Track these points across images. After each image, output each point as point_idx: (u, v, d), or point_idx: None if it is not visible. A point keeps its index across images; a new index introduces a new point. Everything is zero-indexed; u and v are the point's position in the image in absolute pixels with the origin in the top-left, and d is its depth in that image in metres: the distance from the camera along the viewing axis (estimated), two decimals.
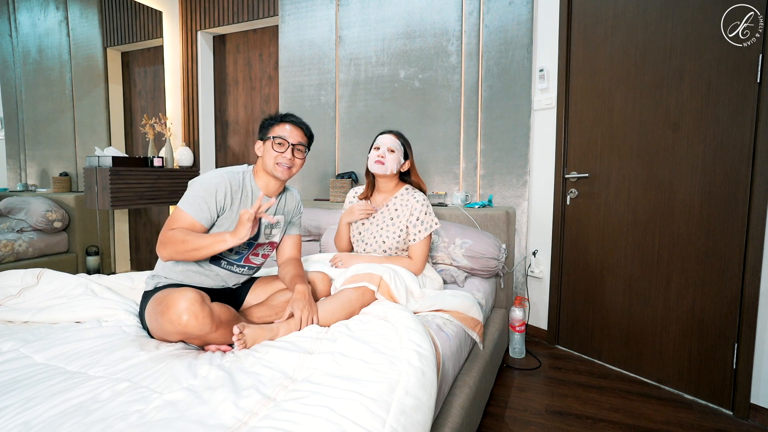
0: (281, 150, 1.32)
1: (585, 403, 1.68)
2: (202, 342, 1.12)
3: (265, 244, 1.42)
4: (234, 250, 1.33)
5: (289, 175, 1.35)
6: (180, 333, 1.07)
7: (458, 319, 1.40)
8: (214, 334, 1.09)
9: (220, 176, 1.27)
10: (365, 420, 0.76)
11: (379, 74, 2.67)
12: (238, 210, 1.29)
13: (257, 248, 1.39)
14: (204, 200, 1.22)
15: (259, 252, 1.41)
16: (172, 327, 1.05)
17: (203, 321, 1.05)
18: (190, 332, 1.06)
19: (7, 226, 2.77)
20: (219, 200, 1.24)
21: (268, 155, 1.33)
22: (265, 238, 1.40)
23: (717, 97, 1.61)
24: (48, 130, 3.23)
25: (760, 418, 1.55)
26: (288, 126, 1.36)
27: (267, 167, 1.33)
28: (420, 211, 1.63)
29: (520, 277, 2.37)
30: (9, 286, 1.48)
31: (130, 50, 3.45)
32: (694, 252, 1.70)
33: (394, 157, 1.62)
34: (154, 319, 1.12)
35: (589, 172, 2.06)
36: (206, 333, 1.07)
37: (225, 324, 1.11)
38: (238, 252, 1.35)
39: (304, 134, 1.39)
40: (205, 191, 1.23)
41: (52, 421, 0.75)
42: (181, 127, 3.54)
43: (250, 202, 1.32)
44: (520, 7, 2.26)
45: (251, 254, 1.38)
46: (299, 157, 1.37)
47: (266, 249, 1.43)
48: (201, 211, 1.22)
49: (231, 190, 1.27)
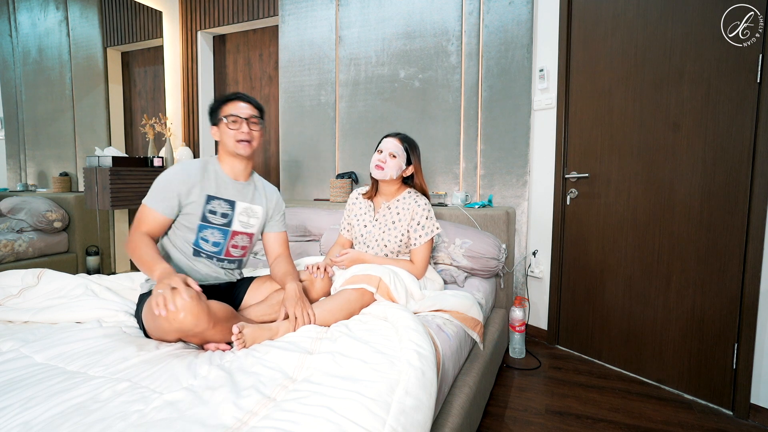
0: (236, 127, 1.35)
1: (585, 403, 1.68)
2: (201, 340, 1.11)
3: (242, 233, 1.42)
4: (211, 241, 1.36)
5: (251, 150, 1.38)
6: (177, 330, 1.06)
7: (458, 319, 1.40)
8: (212, 330, 1.08)
9: (177, 166, 1.34)
10: (365, 420, 0.76)
11: (379, 74, 2.67)
12: (201, 191, 1.33)
13: (234, 237, 1.40)
14: (163, 193, 1.29)
15: (238, 243, 1.42)
16: (168, 325, 1.04)
17: (200, 317, 1.04)
18: (187, 329, 1.05)
19: (7, 226, 2.77)
20: (176, 188, 1.29)
21: (226, 136, 1.36)
22: (241, 226, 1.41)
23: (717, 97, 1.61)
24: (48, 130, 3.23)
25: (760, 418, 1.55)
26: (237, 103, 1.38)
27: (228, 148, 1.37)
28: (421, 215, 1.63)
29: (520, 277, 2.37)
30: (9, 286, 1.48)
31: (130, 50, 3.44)
32: (694, 252, 1.70)
33: (394, 163, 1.61)
34: (151, 319, 1.12)
35: (589, 172, 2.06)
36: (203, 330, 1.06)
37: (223, 321, 1.11)
38: (216, 243, 1.37)
39: (254, 107, 1.40)
40: (163, 184, 1.30)
41: (51, 421, 0.75)
42: (181, 127, 3.54)
43: (214, 183, 1.36)
44: (520, 7, 2.26)
45: (230, 246, 1.40)
46: (255, 129, 1.39)
47: (244, 240, 1.44)
48: (160, 203, 1.28)
49: (189, 177, 1.32)
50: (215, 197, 1.35)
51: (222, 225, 1.37)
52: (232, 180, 1.40)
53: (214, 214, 1.35)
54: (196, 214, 1.32)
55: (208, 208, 1.34)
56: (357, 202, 1.79)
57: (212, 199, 1.35)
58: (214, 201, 1.35)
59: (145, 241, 1.23)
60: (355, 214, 1.77)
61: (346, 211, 1.82)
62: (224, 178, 1.39)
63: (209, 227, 1.35)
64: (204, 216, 1.33)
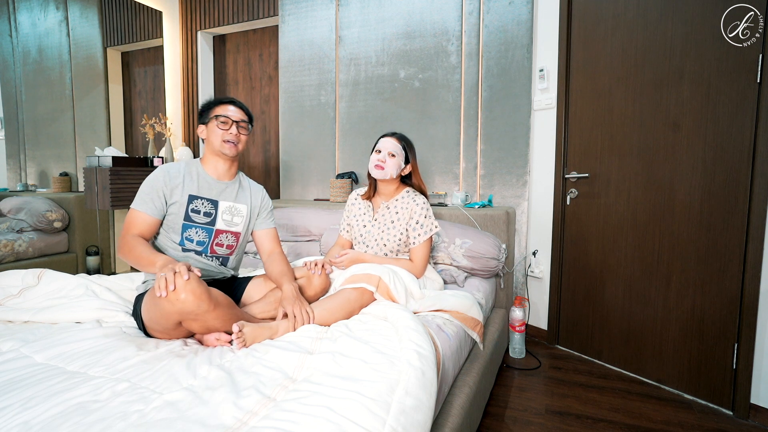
0: (225, 128, 1.39)
1: (585, 403, 1.68)
2: (202, 326, 1.11)
3: (227, 232, 1.44)
4: (195, 240, 1.38)
5: (236, 152, 1.42)
6: (179, 312, 1.06)
7: (458, 319, 1.40)
8: (213, 314, 1.09)
9: (158, 170, 1.37)
10: (365, 420, 0.76)
11: (379, 74, 2.67)
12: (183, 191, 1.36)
13: (218, 236, 1.42)
14: (149, 195, 1.33)
15: (223, 242, 1.43)
16: (171, 306, 1.04)
17: (201, 298, 1.05)
18: (189, 310, 1.05)
19: (7, 226, 2.77)
20: (159, 189, 1.33)
21: (213, 135, 1.39)
22: (225, 225, 1.43)
23: (717, 97, 1.61)
24: (48, 130, 3.23)
25: (760, 418, 1.55)
26: (228, 106, 1.42)
27: (214, 147, 1.40)
28: (420, 214, 1.63)
29: (520, 277, 2.36)
30: (9, 286, 1.48)
31: (130, 50, 3.44)
32: (694, 252, 1.70)
33: (394, 162, 1.62)
34: (152, 305, 1.12)
35: (589, 172, 2.06)
36: (204, 311, 1.07)
37: (223, 306, 1.12)
38: (201, 242, 1.39)
39: (244, 113, 1.45)
40: (147, 187, 1.34)
41: (51, 421, 0.75)
42: (181, 127, 3.54)
43: (196, 183, 1.39)
44: (520, 7, 2.26)
45: (214, 244, 1.42)
46: (243, 133, 1.43)
47: (230, 239, 1.45)
48: (147, 205, 1.32)
49: (170, 178, 1.35)
50: (197, 197, 1.39)
51: (205, 224, 1.39)
52: (215, 180, 1.43)
53: (197, 213, 1.38)
54: (179, 213, 1.36)
55: (191, 207, 1.37)
56: (356, 202, 1.79)
57: (194, 199, 1.38)
58: (196, 200, 1.38)
59: (139, 240, 1.26)
60: (355, 214, 1.78)
61: (345, 212, 1.82)
62: (207, 178, 1.42)
63: (193, 226, 1.37)
64: (187, 215, 1.37)
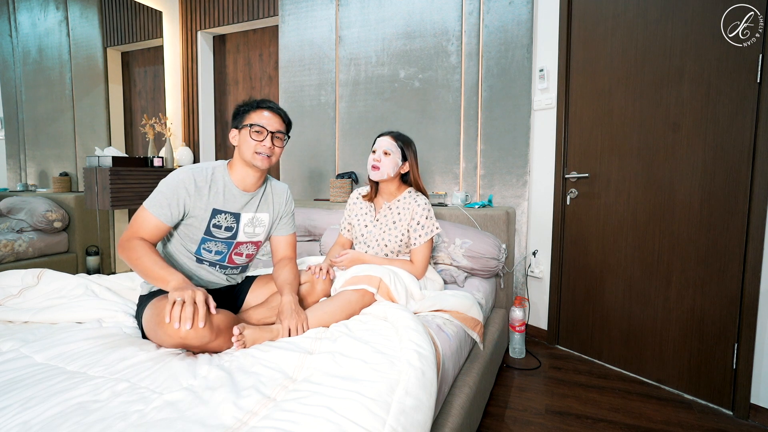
0: (260, 138, 1.26)
1: (585, 403, 1.68)
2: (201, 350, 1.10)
3: (247, 243, 1.36)
4: (214, 251, 1.31)
5: (268, 164, 1.29)
6: (178, 345, 1.05)
7: (458, 319, 1.40)
8: (214, 342, 1.07)
9: (185, 173, 1.23)
10: (365, 420, 0.76)
11: (379, 74, 2.67)
12: (208, 205, 1.25)
13: (238, 247, 1.35)
14: (167, 199, 1.20)
15: (242, 252, 1.37)
16: (170, 340, 1.03)
17: (202, 333, 1.02)
18: (189, 344, 1.04)
19: (7, 226, 2.77)
20: (182, 197, 1.21)
21: (245, 144, 1.26)
22: (246, 237, 1.35)
23: (717, 97, 1.61)
24: (48, 130, 3.23)
25: (760, 418, 1.55)
26: (266, 112, 1.28)
27: (245, 157, 1.27)
28: (421, 215, 1.62)
29: (520, 277, 2.36)
30: (9, 286, 1.48)
31: (130, 50, 3.44)
32: (694, 252, 1.70)
33: (390, 161, 1.60)
34: (151, 329, 1.10)
35: (589, 172, 2.05)
36: (206, 343, 1.05)
37: (225, 331, 1.09)
38: (219, 252, 1.32)
39: (282, 121, 1.32)
40: (168, 189, 1.21)
41: (51, 421, 0.75)
42: (181, 127, 3.54)
43: (222, 196, 1.28)
44: (520, 7, 2.26)
45: (233, 254, 1.35)
46: (278, 145, 1.30)
47: (250, 248, 1.38)
48: (163, 210, 1.20)
49: (196, 186, 1.23)
50: (222, 211, 1.28)
51: (226, 238, 1.31)
52: (241, 192, 1.32)
53: (218, 228, 1.29)
54: (200, 228, 1.26)
55: (213, 222, 1.27)
56: (357, 202, 1.79)
57: (218, 213, 1.28)
58: (219, 215, 1.28)
59: (146, 249, 1.15)
60: (356, 214, 1.77)
61: (346, 211, 1.82)
62: (233, 191, 1.30)
63: (212, 240, 1.30)
64: (208, 229, 1.27)
